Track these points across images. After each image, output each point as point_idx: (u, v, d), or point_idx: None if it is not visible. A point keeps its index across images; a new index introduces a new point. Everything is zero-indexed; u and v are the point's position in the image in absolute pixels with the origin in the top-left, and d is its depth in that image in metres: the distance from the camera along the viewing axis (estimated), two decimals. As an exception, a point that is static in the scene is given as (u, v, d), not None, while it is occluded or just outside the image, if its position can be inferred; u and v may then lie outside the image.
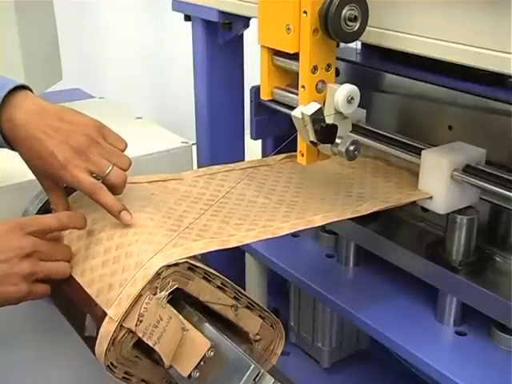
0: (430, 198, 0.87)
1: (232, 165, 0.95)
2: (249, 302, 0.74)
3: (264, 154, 1.22)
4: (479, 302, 0.85)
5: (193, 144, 1.18)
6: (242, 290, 0.73)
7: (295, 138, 0.78)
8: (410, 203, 0.88)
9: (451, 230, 0.89)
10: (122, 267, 0.70)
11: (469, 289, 0.86)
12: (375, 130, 0.99)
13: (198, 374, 0.66)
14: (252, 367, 0.64)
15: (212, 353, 0.66)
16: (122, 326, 0.66)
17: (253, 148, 1.26)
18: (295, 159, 0.81)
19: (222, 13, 1.04)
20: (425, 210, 0.90)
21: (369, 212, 0.84)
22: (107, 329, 0.67)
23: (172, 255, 0.69)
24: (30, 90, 0.81)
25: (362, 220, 0.90)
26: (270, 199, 0.87)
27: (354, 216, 0.83)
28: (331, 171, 0.97)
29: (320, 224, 0.81)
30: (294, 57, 0.74)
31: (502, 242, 0.93)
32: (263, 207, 0.85)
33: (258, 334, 0.74)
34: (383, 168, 0.97)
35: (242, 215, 0.82)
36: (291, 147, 0.82)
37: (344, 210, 0.83)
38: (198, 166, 1.24)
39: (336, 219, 0.82)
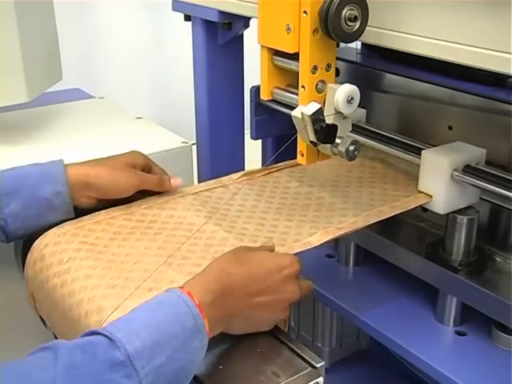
0: (427, 203, 0.87)
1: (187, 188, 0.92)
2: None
3: (264, 154, 1.22)
4: (479, 301, 0.85)
5: (193, 144, 1.18)
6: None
7: (295, 138, 0.79)
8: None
9: (451, 230, 0.89)
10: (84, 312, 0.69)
11: (469, 289, 0.86)
12: (375, 130, 0.99)
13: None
14: None
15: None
16: None
17: (253, 148, 1.27)
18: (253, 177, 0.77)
19: (222, 13, 1.04)
20: (425, 209, 0.90)
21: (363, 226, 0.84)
22: None
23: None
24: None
25: (362, 220, 0.90)
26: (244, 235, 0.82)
27: (350, 231, 0.83)
28: (308, 191, 0.94)
29: (317, 244, 0.82)
30: (294, 57, 0.74)
31: (502, 242, 0.93)
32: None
33: None
34: (380, 173, 0.97)
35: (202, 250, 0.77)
36: (291, 147, 0.82)
37: (339, 228, 0.84)
38: (198, 166, 1.24)
39: (332, 237, 0.83)
